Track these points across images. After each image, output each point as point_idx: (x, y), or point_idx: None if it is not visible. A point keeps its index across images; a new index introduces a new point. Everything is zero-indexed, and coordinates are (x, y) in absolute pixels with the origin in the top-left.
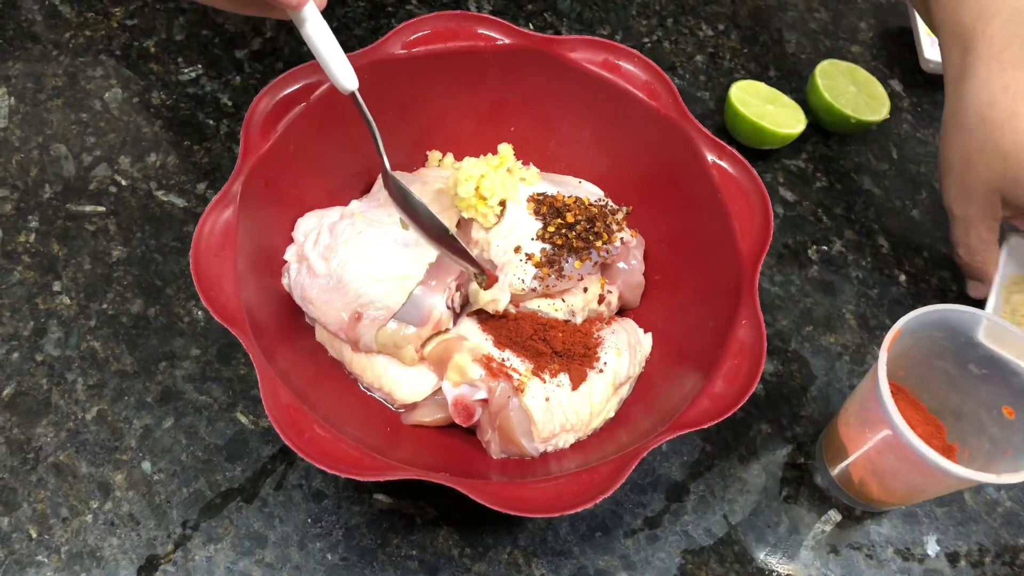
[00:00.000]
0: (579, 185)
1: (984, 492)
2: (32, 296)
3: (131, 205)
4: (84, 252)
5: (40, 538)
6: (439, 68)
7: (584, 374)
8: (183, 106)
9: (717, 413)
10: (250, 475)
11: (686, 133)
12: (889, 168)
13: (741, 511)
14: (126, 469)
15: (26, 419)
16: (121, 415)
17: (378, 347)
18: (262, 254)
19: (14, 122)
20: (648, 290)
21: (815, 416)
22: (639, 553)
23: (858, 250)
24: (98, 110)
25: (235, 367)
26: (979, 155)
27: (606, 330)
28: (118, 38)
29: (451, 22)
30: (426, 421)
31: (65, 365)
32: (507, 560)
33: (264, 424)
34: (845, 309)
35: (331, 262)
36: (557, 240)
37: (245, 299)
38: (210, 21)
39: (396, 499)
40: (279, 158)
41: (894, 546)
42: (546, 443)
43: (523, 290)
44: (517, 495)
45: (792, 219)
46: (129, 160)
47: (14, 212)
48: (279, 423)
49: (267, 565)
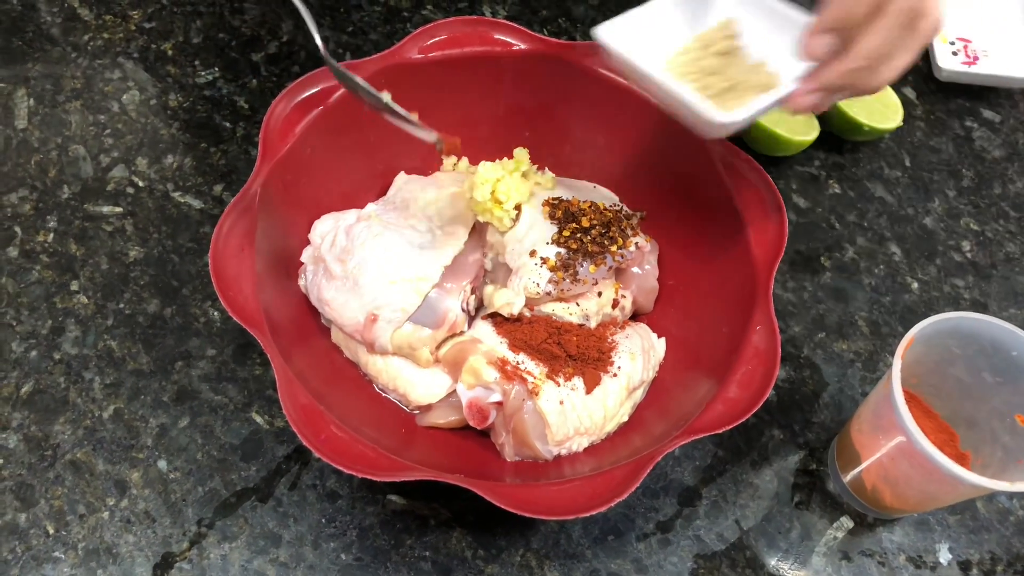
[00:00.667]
0: (594, 190)
1: (996, 501)
2: (50, 295)
3: (148, 206)
4: (101, 252)
5: (57, 534)
6: (456, 73)
7: (598, 378)
8: (200, 108)
9: (731, 418)
10: (265, 475)
11: (701, 140)
12: (902, 175)
13: (753, 516)
14: (142, 467)
15: (44, 417)
16: (137, 414)
17: (393, 349)
18: (279, 256)
19: (33, 123)
20: (662, 295)
21: (827, 423)
22: (651, 557)
23: (871, 257)
24: (116, 112)
25: (250, 367)
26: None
27: (620, 334)
28: (136, 41)
29: (468, 27)
30: (440, 423)
31: (82, 364)
32: (520, 562)
33: (279, 424)
34: (857, 316)
35: (347, 264)
36: (572, 244)
37: (263, 300)
38: (227, 24)
39: (410, 500)
40: (296, 161)
41: (906, 553)
42: (560, 446)
43: (538, 294)
44: (531, 497)
45: (805, 226)
46: (146, 161)
47: (33, 212)
48: (296, 423)
49: (281, 564)
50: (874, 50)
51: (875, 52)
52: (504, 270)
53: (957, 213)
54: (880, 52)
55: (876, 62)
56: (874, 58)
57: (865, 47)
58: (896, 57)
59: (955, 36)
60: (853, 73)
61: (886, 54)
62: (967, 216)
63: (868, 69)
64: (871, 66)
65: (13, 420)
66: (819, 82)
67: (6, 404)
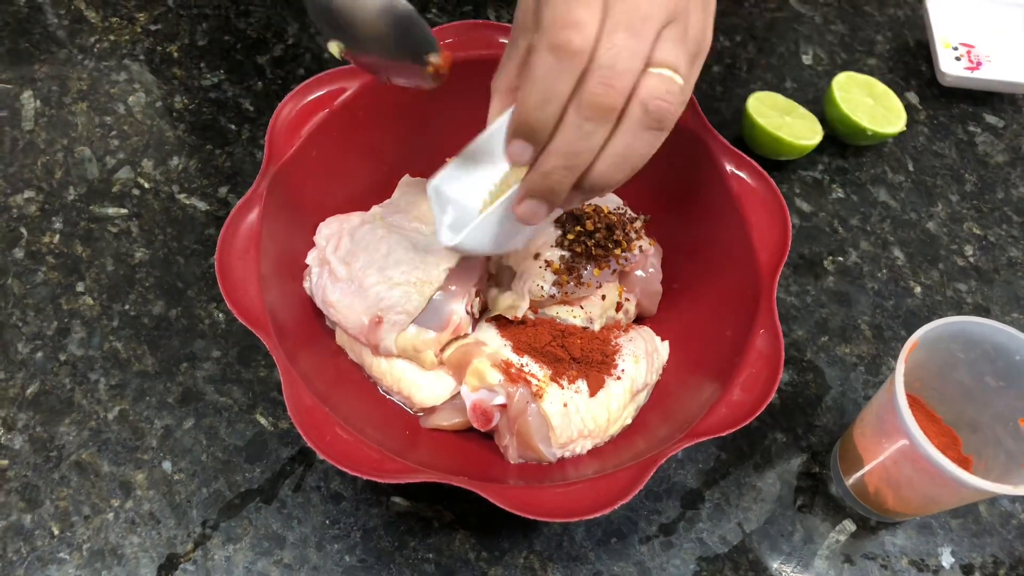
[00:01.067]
0: None
1: (998, 504)
2: (56, 296)
3: (153, 208)
4: (107, 253)
5: (62, 535)
6: (460, 76)
7: (602, 381)
8: (205, 111)
9: (735, 421)
10: (269, 476)
11: (705, 143)
12: (905, 180)
13: (756, 519)
14: (147, 468)
15: (49, 418)
16: (142, 415)
17: (398, 351)
18: (284, 258)
19: (39, 125)
20: (665, 299)
21: (830, 426)
22: (654, 560)
23: (874, 261)
24: (122, 114)
25: (255, 369)
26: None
27: (624, 338)
28: (142, 43)
29: (473, 31)
30: (444, 425)
31: (88, 365)
32: (523, 564)
33: (283, 426)
34: (860, 320)
35: (352, 267)
36: (576, 248)
37: (268, 302)
38: (232, 27)
39: (413, 502)
40: (302, 163)
41: (908, 557)
42: (564, 448)
43: (542, 297)
44: (535, 499)
45: (808, 230)
46: (152, 163)
47: (39, 213)
48: (301, 425)
49: (285, 566)
50: (566, 146)
51: (569, 149)
52: (508, 273)
53: (960, 218)
54: (576, 148)
55: (575, 159)
56: (572, 155)
57: (556, 147)
58: (613, 146)
59: (958, 41)
60: (554, 175)
61: (586, 148)
62: (970, 221)
63: (568, 168)
64: (571, 164)
65: (19, 421)
66: (525, 188)
67: (12, 405)
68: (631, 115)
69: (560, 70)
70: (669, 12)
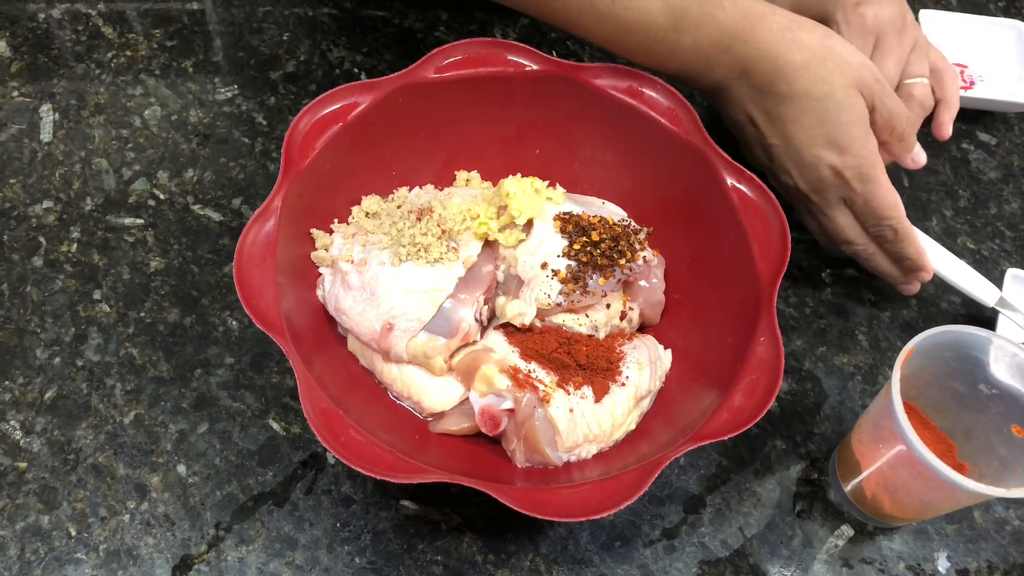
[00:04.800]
0: (602, 206)
1: (993, 510)
2: (73, 304)
3: (169, 218)
4: (123, 262)
5: (79, 536)
6: (469, 92)
7: (607, 387)
8: (220, 124)
9: (737, 425)
10: (281, 480)
11: (707, 157)
12: (900, 195)
13: (756, 524)
14: (162, 472)
15: (67, 421)
16: (158, 419)
17: (408, 357)
18: (298, 266)
19: (58, 137)
20: (668, 308)
21: (828, 434)
22: (657, 563)
23: (870, 273)
24: (138, 127)
25: (267, 375)
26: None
27: (628, 345)
28: (158, 58)
29: (483, 49)
30: (453, 430)
31: (104, 370)
32: (529, 567)
33: (295, 431)
34: (857, 330)
35: (364, 275)
36: (582, 257)
37: (284, 308)
38: (246, 43)
39: (422, 506)
40: (316, 175)
41: (905, 561)
42: (569, 453)
43: (549, 305)
44: (543, 500)
45: (806, 242)
46: (167, 175)
47: (57, 223)
48: (317, 426)
49: (297, 567)
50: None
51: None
52: (516, 282)
53: (954, 232)
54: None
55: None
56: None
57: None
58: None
59: (952, 61)
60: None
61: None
62: (964, 235)
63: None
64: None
65: (37, 424)
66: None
67: (30, 409)
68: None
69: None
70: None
